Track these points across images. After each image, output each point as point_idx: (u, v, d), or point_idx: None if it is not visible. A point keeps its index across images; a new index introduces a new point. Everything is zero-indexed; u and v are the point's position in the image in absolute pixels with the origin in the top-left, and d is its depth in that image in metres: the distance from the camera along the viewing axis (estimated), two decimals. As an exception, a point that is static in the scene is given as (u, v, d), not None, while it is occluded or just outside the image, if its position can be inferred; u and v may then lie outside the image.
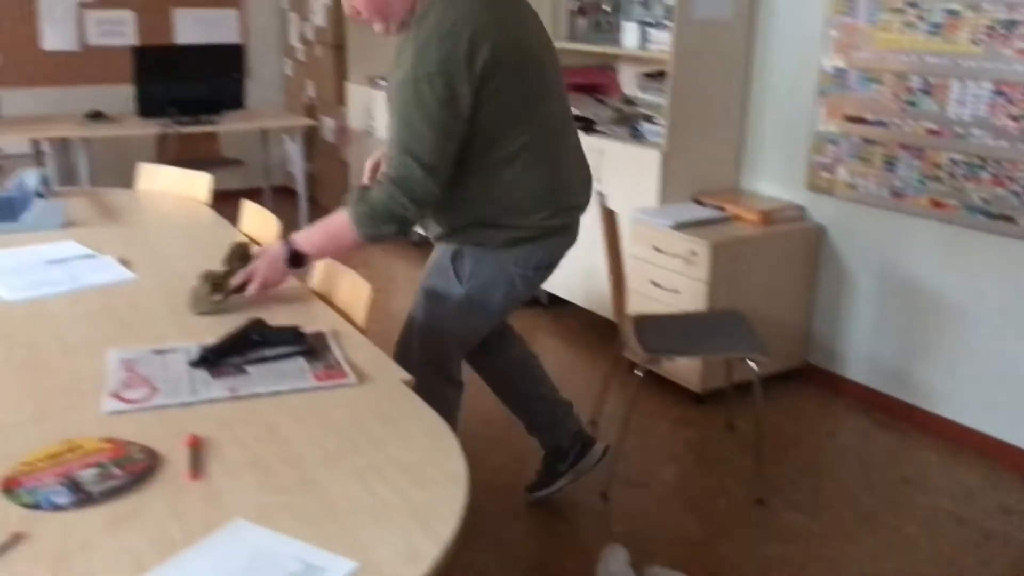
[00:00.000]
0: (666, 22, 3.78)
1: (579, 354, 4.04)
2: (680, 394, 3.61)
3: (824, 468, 3.15)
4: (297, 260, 2.17)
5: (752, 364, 2.89)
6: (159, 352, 1.84)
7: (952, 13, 3.10)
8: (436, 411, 1.63)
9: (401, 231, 2.15)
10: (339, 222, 2.16)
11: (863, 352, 3.60)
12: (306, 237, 2.18)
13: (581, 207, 2.39)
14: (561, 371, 3.84)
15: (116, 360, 1.80)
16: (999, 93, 3.01)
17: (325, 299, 2.24)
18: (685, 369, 3.55)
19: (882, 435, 3.39)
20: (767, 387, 3.57)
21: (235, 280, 2.13)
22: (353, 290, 2.21)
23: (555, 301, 4.48)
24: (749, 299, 3.52)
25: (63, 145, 4.97)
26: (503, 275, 2.32)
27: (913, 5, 3.21)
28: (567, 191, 2.33)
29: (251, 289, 2.13)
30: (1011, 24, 2.95)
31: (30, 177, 3.02)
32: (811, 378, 3.79)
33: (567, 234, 2.37)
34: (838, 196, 3.58)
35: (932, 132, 3.22)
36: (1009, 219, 3.04)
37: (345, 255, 2.22)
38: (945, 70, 3.15)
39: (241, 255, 2.21)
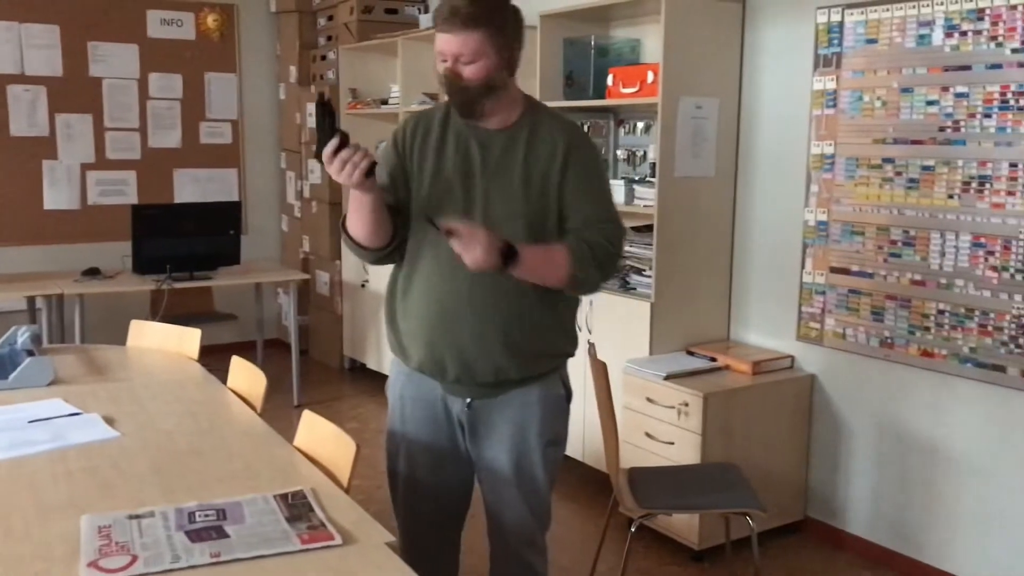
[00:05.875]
0: (651, 179, 3.89)
1: (575, 510, 3.94)
2: (677, 551, 3.50)
3: (830, 629, 3.03)
4: (509, 256, 2.03)
5: (749, 520, 2.82)
6: (134, 517, 1.78)
7: (927, 169, 3.20)
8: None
9: (601, 280, 2.19)
10: (559, 251, 2.12)
11: (862, 504, 3.52)
12: (525, 246, 2.07)
13: None
14: (557, 527, 3.73)
15: (91, 527, 1.74)
16: (978, 244, 3.08)
17: (308, 456, 2.20)
18: (682, 524, 3.45)
19: (888, 592, 3.28)
20: (767, 542, 3.48)
21: (456, 230, 1.98)
22: (338, 447, 2.17)
23: (548, 454, 4.40)
24: (744, 451, 3.47)
25: (57, 302, 5.00)
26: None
27: (890, 161, 3.32)
28: None
29: (458, 249, 1.98)
30: (984, 179, 3.04)
31: (21, 334, 3.02)
32: (812, 532, 3.69)
33: None
34: (828, 346, 3.59)
35: (916, 283, 3.27)
36: (999, 368, 3.04)
37: (544, 280, 2.13)
38: (924, 223, 3.23)
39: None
